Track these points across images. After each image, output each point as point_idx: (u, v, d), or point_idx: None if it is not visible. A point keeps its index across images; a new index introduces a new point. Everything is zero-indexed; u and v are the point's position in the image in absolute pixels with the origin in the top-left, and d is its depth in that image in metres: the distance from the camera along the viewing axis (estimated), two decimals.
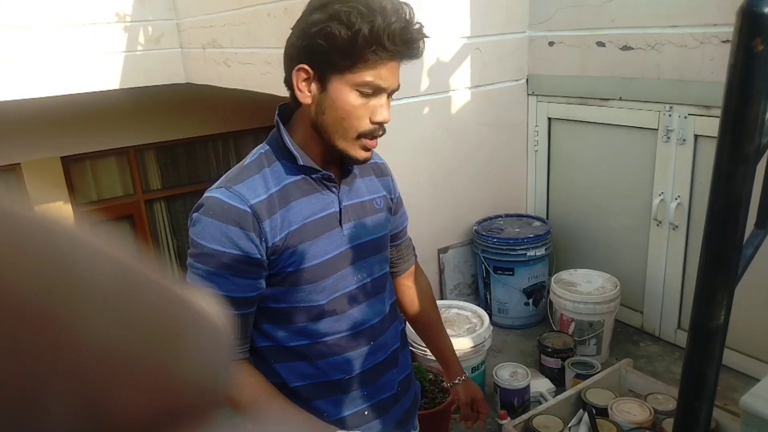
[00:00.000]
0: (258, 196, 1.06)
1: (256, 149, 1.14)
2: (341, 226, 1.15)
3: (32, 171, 5.30)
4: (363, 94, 1.03)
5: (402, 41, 1.01)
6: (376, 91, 1.04)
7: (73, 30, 3.81)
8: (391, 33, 0.99)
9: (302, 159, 1.09)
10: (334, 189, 1.14)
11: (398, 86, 1.08)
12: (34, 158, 5.22)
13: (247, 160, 1.12)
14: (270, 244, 1.06)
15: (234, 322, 1.08)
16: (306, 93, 1.05)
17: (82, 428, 0.21)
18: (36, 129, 4.82)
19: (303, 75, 1.04)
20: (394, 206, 1.31)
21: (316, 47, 1.00)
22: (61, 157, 5.41)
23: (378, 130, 1.08)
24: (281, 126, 1.12)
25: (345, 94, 1.02)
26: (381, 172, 1.28)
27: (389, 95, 1.08)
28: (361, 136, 1.06)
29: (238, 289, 1.06)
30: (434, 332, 1.48)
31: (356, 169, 1.19)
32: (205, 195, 1.07)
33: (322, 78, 1.03)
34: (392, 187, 1.31)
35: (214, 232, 1.03)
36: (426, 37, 1.06)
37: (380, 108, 1.05)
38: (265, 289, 1.11)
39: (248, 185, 1.06)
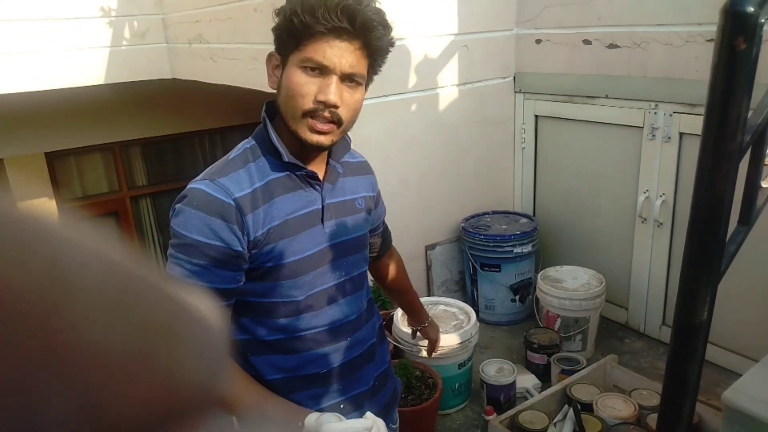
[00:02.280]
0: (242, 190, 1.07)
1: (241, 144, 1.16)
2: (323, 224, 1.17)
3: (16, 167, 5.23)
4: (307, 72, 1.04)
5: (338, 17, 1.00)
6: (322, 70, 1.03)
7: (57, 24, 3.76)
8: (327, 8, 0.99)
9: (287, 155, 1.11)
10: (317, 187, 1.16)
11: (352, 70, 1.05)
12: (18, 154, 5.15)
13: (233, 154, 1.14)
14: (252, 238, 1.08)
15: None
16: (274, 79, 1.11)
17: (79, 429, 0.21)
18: (20, 124, 4.75)
19: (273, 62, 1.10)
20: (375, 201, 1.35)
21: (275, 33, 1.08)
22: (45, 153, 5.34)
23: (322, 110, 1.05)
24: (267, 122, 1.14)
25: (292, 72, 1.06)
26: (363, 170, 1.31)
27: (344, 79, 1.05)
28: (305, 114, 1.05)
29: (219, 281, 1.07)
30: (408, 293, 1.65)
31: (340, 168, 1.21)
32: (188, 186, 1.08)
33: (284, 63, 1.08)
34: (374, 184, 1.35)
35: (198, 223, 1.04)
36: (384, 23, 1.05)
37: (326, 87, 1.03)
38: (245, 283, 1.12)
39: (233, 179, 1.08)
